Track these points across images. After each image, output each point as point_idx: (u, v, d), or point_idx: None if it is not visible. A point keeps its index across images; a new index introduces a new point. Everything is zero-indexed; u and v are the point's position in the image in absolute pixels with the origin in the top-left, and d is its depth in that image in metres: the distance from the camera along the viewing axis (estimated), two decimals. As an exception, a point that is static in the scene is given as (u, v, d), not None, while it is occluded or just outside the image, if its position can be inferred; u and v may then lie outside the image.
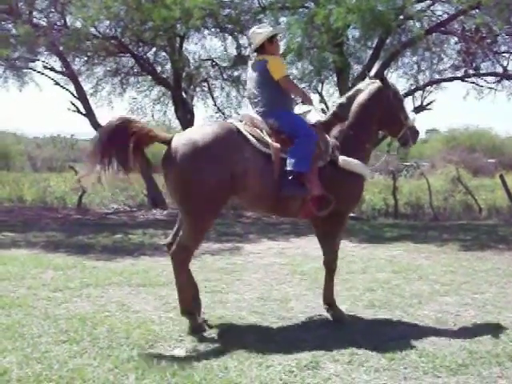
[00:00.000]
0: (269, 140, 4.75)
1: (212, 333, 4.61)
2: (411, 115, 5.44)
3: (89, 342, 4.34)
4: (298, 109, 5.24)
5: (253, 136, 4.72)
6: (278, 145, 4.74)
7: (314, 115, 5.19)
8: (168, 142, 4.60)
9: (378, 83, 5.23)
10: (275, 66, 4.96)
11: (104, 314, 5.13)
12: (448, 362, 4.00)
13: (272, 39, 5.08)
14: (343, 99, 5.28)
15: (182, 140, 4.56)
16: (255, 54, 5.20)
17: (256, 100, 5.04)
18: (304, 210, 4.93)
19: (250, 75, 5.21)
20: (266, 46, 5.06)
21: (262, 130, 4.81)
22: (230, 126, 4.76)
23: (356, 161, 4.97)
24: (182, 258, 4.61)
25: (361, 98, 5.19)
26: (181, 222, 4.83)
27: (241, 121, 4.97)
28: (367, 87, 5.25)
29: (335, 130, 5.13)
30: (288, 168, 4.71)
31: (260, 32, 5.08)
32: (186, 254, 4.61)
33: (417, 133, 5.42)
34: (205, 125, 4.79)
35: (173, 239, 4.83)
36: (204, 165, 4.47)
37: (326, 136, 5.04)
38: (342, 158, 4.92)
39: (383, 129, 5.49)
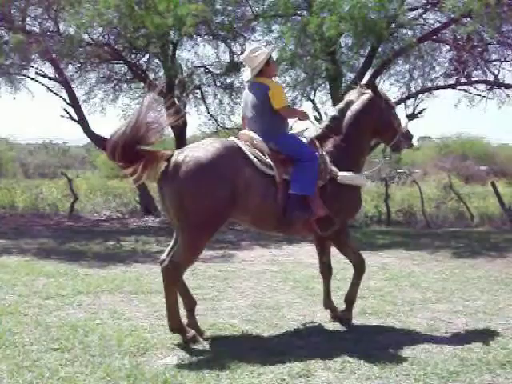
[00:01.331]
0: (270, 161, 4.73)
1: (204, 341, 4.59)
2: (404, 120, 5.47)
3: (80, 349, 4.32)
4: (296, 126, 5.24)
5: (254, 156, 4.70)
6: (280, 167, 4.75)
7: (311, 131, 5.20)
8: (167, 159, 4.53)
9: (369, 93, 5.25)
10: (277, 95, 4.94)
11: (96, 321, 5.12)
12: (439, 369, 4.00)
13: (268, 60, 5.05)
14: (335, 112, 5.27)
15: (183, 157, 4.48)
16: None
17: (254, 124, 5.00)
18: (308, 228, 4.97)
19: (246, 96, 5.15)
20: (264, 68, 5.04)
21: (262, 151, 4.79)
22: (233, 145, 4.71)
23: (352, 174, 5.00)
24: (174, 275, 4.50)
25: (353, 109, 5.18)
26: (176, 240, 4.74)
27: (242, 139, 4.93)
28: (359, 98, 5.25)
29: (329, 144, 5.13)
30: (293, 191, 4.71)
31: (255, 55, 5.01)
32: (177, 272, 4.51)
33: (411, 136, 5.48)
34: (207, 142, 4.71)
35: (168, 256, 4.65)
36: (205, 183, 4.42)
37: (324, 154, 5.02)
38: (340, 175, 4.94)
39: (377, 137, 5.53)
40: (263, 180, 4.67)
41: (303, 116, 5.26)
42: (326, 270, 5.41)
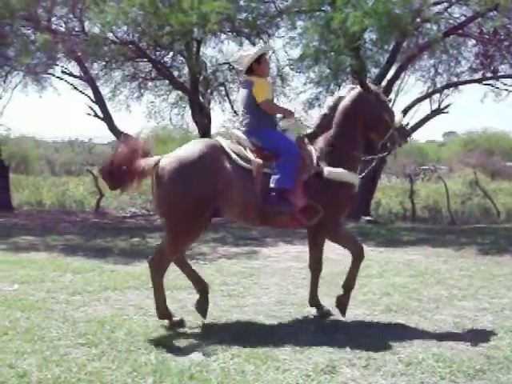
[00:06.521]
0: (250, 156, 4.91)
1: (229, 336, 4.62)
2: (399, 115, 5.36)
3: (107, 345, 4.38)
4: (282, 123, 5.31)
5: (235, 153, 4.90)
6: (259, 160, 4.90)
7: (292, 131, 5.25)
8: (156, 163, 4.84)
9: (358, 88, 5.25)
10: (258, 89, 5.07)
11: (122, 317, 5.18)
12: (466, 367, 3.98)
13: (259, 60, 5.17)
14: (326, 110, 5.31)
15: (170, 158, 4.84)
16: (245, 74, 5.29)
17: (242, 119, 5.20)
18: (294, 220, 5.02)
19: (239, 93, 5.38)
20: (254, 67, 5.17)
21: (245, 147, 4.98)
22: (215, 144, 4.96)
23: (341, 170, 5.01)
24: (159, 266, 4.88)
25: (342, 105, 5.21)
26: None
27: (231, 137, 5.15)
28: (348, 94, 5.28)
29: (321, 141, 5.17)
30: (272, 185, 4.86)
31: (246, 55, 5.20)
32: (163, 263, 4.89)
33: (406, 132, 5.46)
34: (192, 143, 5.05)
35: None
36: (187, 182, 4.72)
37: (311, 148, 5.10)
38: (326, 170, 4.99)
39: (370, 133, 5.34)
40: (245, 175, 4.86)
41: (287, 113, 5.32)
42: (316, 265, 5.42)
